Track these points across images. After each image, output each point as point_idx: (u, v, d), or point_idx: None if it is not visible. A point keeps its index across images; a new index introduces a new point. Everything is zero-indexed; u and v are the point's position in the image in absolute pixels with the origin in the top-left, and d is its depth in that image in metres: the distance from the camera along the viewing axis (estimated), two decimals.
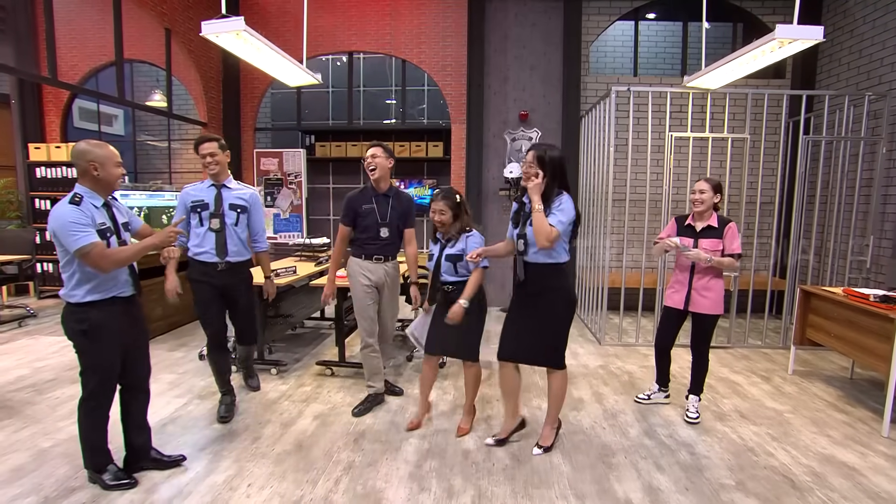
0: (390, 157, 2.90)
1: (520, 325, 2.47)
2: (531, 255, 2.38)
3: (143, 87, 8.16)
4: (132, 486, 2.18)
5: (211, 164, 2.74)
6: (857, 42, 4.99)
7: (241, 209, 2.80)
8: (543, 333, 2.43)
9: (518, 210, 2.47)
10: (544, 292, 2.40)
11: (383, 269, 2.93)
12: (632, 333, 4.76)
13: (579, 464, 2.46)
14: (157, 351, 4.10)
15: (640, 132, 5.40)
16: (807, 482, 2.33)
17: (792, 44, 2.66)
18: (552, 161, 2.33)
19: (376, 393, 3.07)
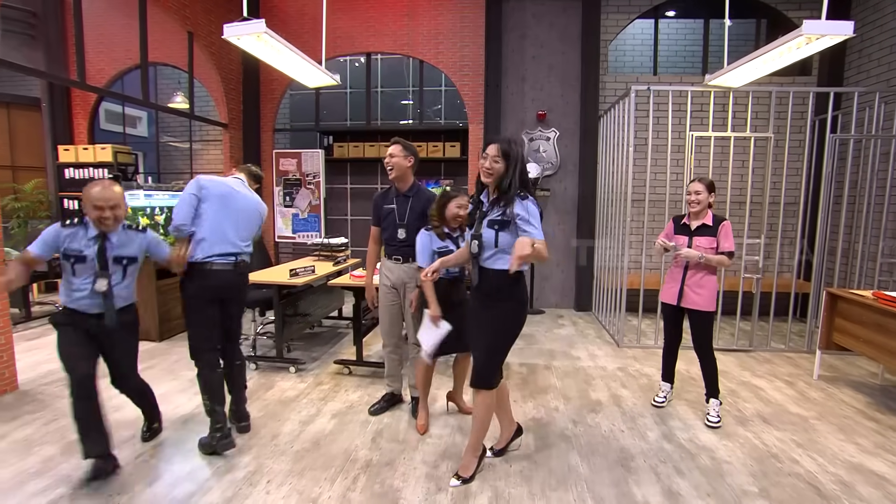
0: (410, 155, 2.83)
1: (473, 340, 2.30)
2: (486, 260, 2.15)
3: (165, 89, 8.34)
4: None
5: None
6: (888, 37, 4.84)
7: None
8: (486, 349, 2.19)
9: (474, 209, 2.23)
10: (496, 303, 2.16)
11: (402, 270, 2.88)
12: (651, 336, 4.70)
13: (597, 466, 2.43)
14: (177, 348, 4.19)
15: (660, 132, 5.32)
16: (834, 491, 2.26)
17: (820, 40, 2.58)
18: (518, 157, 2.08)
19: (393, 393, 3.08)
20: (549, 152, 5.96)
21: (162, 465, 2.38)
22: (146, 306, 4.33)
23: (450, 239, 2.65)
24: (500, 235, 2.09)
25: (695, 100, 4.98)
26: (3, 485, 2.20)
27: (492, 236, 2.11)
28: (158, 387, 3.30)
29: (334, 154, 6.63)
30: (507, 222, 2.07)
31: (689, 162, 4.31)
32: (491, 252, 2.13)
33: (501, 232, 2.09)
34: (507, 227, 2.08)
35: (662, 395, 3.20)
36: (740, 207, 5.24)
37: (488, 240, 2.12)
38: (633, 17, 5.81)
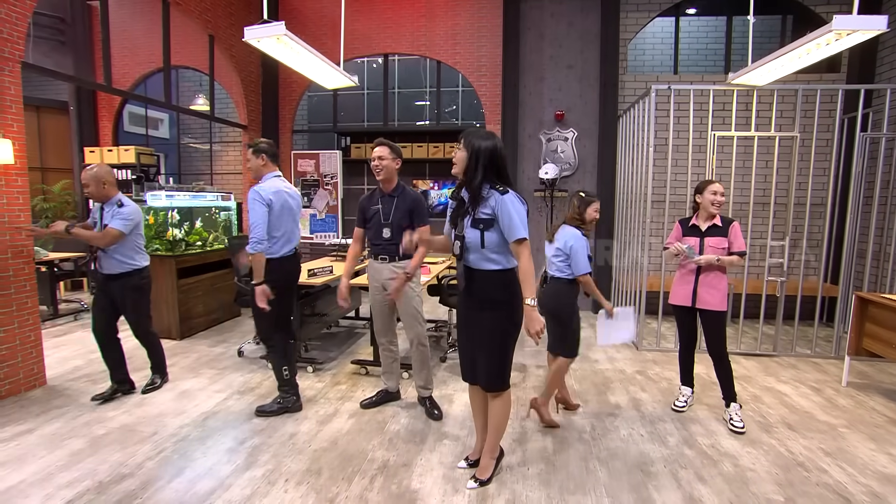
0: (397, 157, 2.91)
1: (473, 343, 2.19)
2: (472, 260, 2.08)
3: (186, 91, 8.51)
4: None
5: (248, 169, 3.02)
6: None
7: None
8: (489, 351, 2.13)
9: (456, 208, 2.14)
10: (490, 304, 2.09)
11: (388, 269, 2.90)
12: (670, 339, 4.62)
13: (616, 471, 2.40)
14: (197, 346, 4.27)
15: (681, 132, 5.24)
16: (865, 503, 2.20)
17: (851, 35, 2.50)
18: (478, 148, 2.02)
19: (387, 390, 3.13)
20: (568, 153, 5.91)
21: (183, 461, 2.42)
22: (167, 305, 4.42)
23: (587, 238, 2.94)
24: (485, 236, 2.02)
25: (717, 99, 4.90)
26: (33, 477, 2.27)
27: (477, 237, 2.03)
28: (180, 384, 3.39)
29: (352, 155, 6.69)
30: (492, 221, 2.01)
31: (711, 162, 4.24)
32: (476, 253, 2.06)
33: (487, 232, 2.02)
34: (492, 225, 2.01)
35: (683, 399, 3.15)
36: (764, 209, 5.13)
37: (473, 240, 2.04)
38: (654, 16, 5.74)
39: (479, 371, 2.18)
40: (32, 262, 3.29)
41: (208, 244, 5.03)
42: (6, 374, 3.12)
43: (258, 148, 2.93)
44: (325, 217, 6.58)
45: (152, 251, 4.48)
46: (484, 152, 2.02)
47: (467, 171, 2.05)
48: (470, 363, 2.23)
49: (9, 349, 3.13)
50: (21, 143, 3.19)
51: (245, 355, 4.02)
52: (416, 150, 6.45)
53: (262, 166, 2.94)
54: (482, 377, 2.17)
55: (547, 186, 5.71)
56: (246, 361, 3.89)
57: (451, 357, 4.06)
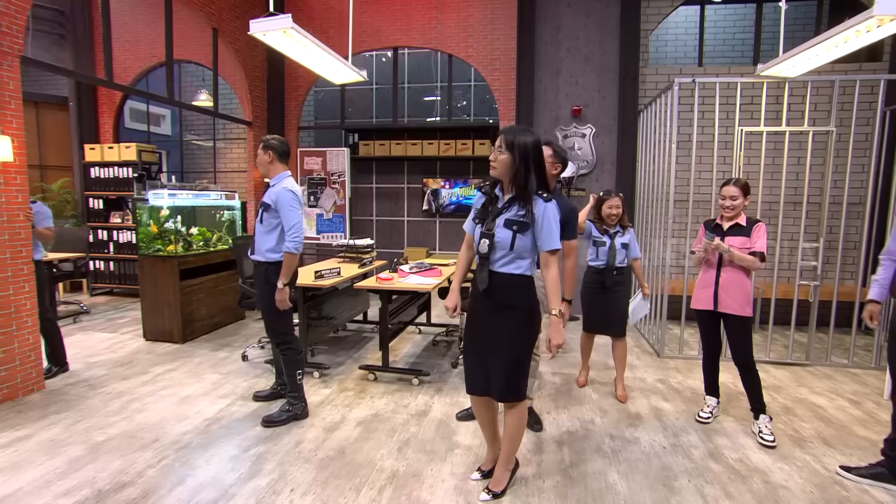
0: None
1: (487, 351, 2.14)
2: (497, 264, 2.06)
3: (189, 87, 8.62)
4: None
5: (257, 165, 3.05)
6: None
7: (264, 207, 2.91)
8: (505, 359, 2.09)
9: (486, 204, 2.12)
10: (510, 308, 2.07)
11: None
12: (694, 346, 4.56)
13: (637, 485, 2.37)
14: (200, 350, 4.31)
15: (706, 127, 5.18)
16: None
17: (894, 21, 2.45)
18: (527, 148, 1.99)
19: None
20: (585, 150, 5.88)
21: (185, 469, 2.44)
22: (169, 308, 4.48)
23: (607, 235, 3.35)
24: (517, 238, 2.01)
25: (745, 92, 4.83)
26: (30, 485, 2.30)
27: (508, 237, 2.01)
28: (181, 390, 3.42)
29: (360, 152, 6.72)
30: (528, 224, 2.00)
31: (738, 159, 4.18)
32: (503, 254, 2.04)
33: (520, 234, 2.01)
34: (527, 229, 2.01)
35: (708, 410, 3.11)
36: (795, 208, 5.05)
37: (503, 240, 2.02)
38: (677, 5, 5.68)
39: (493, 380, 2.14)
40: (31, 263, 3.35)
41: (212, 244, 5.09)
42: (4, 377, 3.18)
43: (266, 143, 2.97)
44: (332, 217, 6.61)
45: (154, 251, 4.54)
46: (532, 152, 2.00)
47: (517, 175, 2.00)
48: (481, 373, 2.16)
49: (6, 353, 3.19)
50: (20, 139, 3.25)
51: (249, 360, 4.04)
52: (427, 148, 6.46)
53: (269, 163, 2.98)
54: (497, 386, 2.12)
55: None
56: (250, 366, 3.91)
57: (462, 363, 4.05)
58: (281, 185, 2.90)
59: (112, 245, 6.39)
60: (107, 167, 6.33)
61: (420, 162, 6.80)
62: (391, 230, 7.04)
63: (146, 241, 4.61)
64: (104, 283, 6.49)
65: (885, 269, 2.19)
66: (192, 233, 4.82)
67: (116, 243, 6.38)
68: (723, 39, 7.01)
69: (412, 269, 4.04)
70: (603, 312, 3.43)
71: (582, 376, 3.72)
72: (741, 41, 6.90)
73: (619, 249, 3.34)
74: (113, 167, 6.30)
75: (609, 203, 3.32)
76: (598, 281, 3.41)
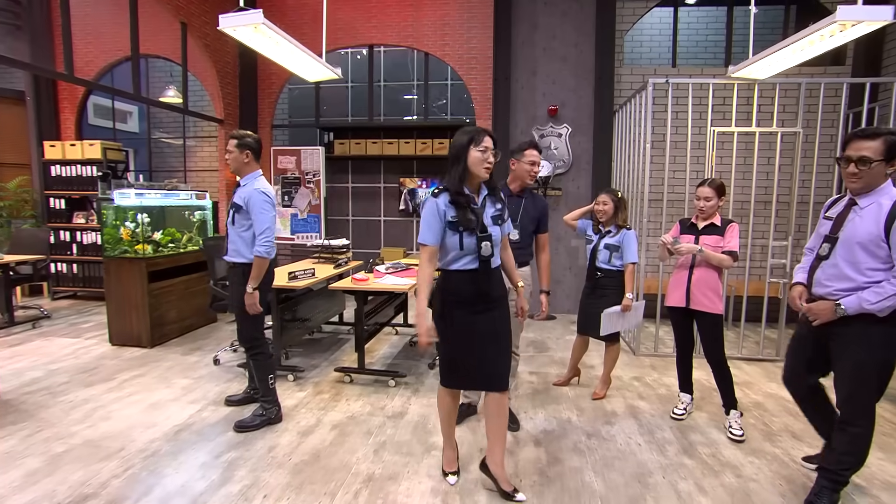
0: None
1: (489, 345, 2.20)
2: (493, 261, 2.16)
3: (157, 82, 8.41)
4: None
5: (227, 160, 2.93)
6: None
7: (235, 208, 2.85)
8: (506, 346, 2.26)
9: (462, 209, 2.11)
10: (502, 299, 2.25)
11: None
12: (669, 343, 4.65)
13: (613, 483, 2.41)
14: (170, 355, 4.21)
15: (679, 127, 5.30)
16: None
17: (856, 27, 2.55)
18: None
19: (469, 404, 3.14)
20: (561, 149, 5.95)
21: (153, 478, 2.38)
22: (136, 311, 4.36)
23: (599, 234, 3.34)
24: (500, 231, 2.21)
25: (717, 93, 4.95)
26: None
27: (498, 233, 2.17)
28: (149, 396, 3.34)
29: (335, 151, 6.65)
30: (502, 217, 2.23)
31: (711, 159, 4.29)
32: (496, 250, 2.18)
33: (499, 227, 2.20)
34: (503, 221, 2.24)
35: (682, 406, 3.18)
36: (765, 207, 5.21)
37: (496, 237, 2.16)
38: (652, 6, 5.80)
39: (496, 370, 2.21)
40: None
41: (182, 245, 4.97)
42: None
43: (244, 143, 2.87)
44: (306, 217, 6.54)
45: (120, 253, 4.42)
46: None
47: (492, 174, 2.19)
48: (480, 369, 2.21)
49: None
50: None
51: (221, 363, 3.97)
52: (404, 147, 6.44)
53: (245, 164, 2.89)
54: (500, 375, 2.22)
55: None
56: (222, 370, 3.84)
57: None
58: (253, 185, 2.84)
59: (75, 246, 6.18)
60: (69, 165, 6.12)
61: (397, 161, 6.78)
62: (367, 230, 7.00)
63: (112, 243, 4.48)
64: (67, 286, 6.27)
65: (806, 259, 2.32)
66: (156, 237, 4.66)
67: (80, 245, 6.17)
68: (696, 41, 7.19)
69: (388, 269, 4.02)
70: (588, 314, 3.42)
71: (563, 377, 3.71)
72: (713, 43, 7.09)
73: (602, 250, 3.30)
74: (76, 165, 6.10)
75: (597, 199, 3.33)
76: (587, 282, 3.46)
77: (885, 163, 1.96)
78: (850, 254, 2.03)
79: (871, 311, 1.96)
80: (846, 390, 2.12)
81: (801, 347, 2.33)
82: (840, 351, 2.12)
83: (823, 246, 2.14)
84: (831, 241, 2.11)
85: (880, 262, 1.97)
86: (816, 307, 2.12)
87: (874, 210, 1.99)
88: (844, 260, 2.05)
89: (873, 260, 1.98)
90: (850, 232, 2.04)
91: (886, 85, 5.07)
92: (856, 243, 2.01)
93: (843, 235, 2.07)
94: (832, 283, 2.09)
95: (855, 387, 2.09)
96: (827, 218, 2.21)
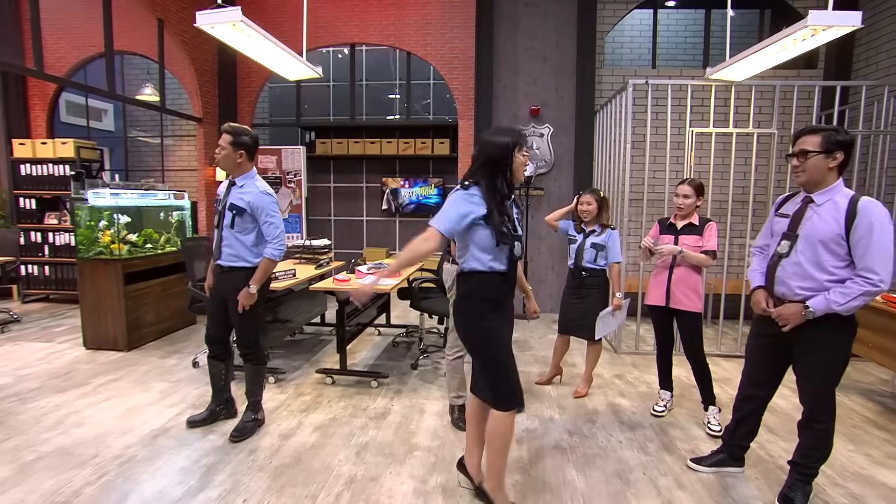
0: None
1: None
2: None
3: (134, 80, 8.25)
4: None
5: (217, 154, 2.73)
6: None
7: (237, 211, 2.70)
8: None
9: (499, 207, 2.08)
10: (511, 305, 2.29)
11: None
12: (650, 341, 4.73)
13: (594, 480, 2.44)
14: (148, 358, 4.13)
15: (659, 127, 5.38)
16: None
17: (826, 31, 2.63)
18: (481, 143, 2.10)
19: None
20: (543, 149, 5.99)
21: (128, 485, 2.33)
22: (112, 313, 4.27)
23: (582, 234, 3.35)
24: None
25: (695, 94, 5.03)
26: None
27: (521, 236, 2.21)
28: (125, 400, 3.27)
29: (316, 151, 6.61)
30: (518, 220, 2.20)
31: (689, 159, 4.37)
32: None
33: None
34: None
35: (662, 403, 3.23)
36: (743, 207, 5.32)
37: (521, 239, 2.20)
38: (632, 7, 5.88)
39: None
40: None
41: (160, 247, 4.88)
42: None
43: (240, 142, 2.68)
44: (287, 217, 6.47)
45: (95, 254, 4.32)
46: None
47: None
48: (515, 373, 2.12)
49: None
50: None
51: (201, 366, 3.91)
52: (386, 146, 6.42)
53: (238, 163, 2.71)
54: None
55: (522, 184, 5.76)
56: (202, 373, 3.78)
57: (422, 364, 4.05)
58: (256, 187, 2.72)
59: (47, 248, 6.02)
60: (40, 164, 5.95)
61: (379, 161, 6.76)
62: (350, 230, 6.96)
63: (86, 244, 4.37)
64: (38, 288, 6.11)
65: (758, 260, 2.37)
66: (131, 238, 4.55)
67: (52, 246, 6.02)
68: (675, 43, 7.31)
69: (370, 269, 4.01)
70: (572, 314, 3.43)
71: (544, 376, 3.73)
72: (693, 45, 7.21)
73: (588, 249, 3.32)
74: (47, 164, 5.94)
75: (581, 199, 3.34)
76: (570, 281, 3.45)
77: (823, 155, 2.02)
78: (813, 252, 2.06)
79: (838, 312, 1.99)
80: (812, 390, 2.16)
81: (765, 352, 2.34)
82: (805, 352, 2.15)
83: (783, 243, 2.16)
84: (791, 238, 2.13)
85: (840, 260, 2.02)
86: (786, 311, 2.12)
87: (831, 208, 2.03)
88: (807, 259, 2.07)
89: (834, 258, 2.02)
90: (811, 230, 2.07)
91: (856, 88, 5.23)
92: (818, 241, 2.04)
93: (803, 232, 2.09)
94: (795, 281, 2.10)
95: (821, 386, 2.14)
96: (781, 215, 2.23)
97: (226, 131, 2.68)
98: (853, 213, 1.97)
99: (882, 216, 1.94)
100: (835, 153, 2.02)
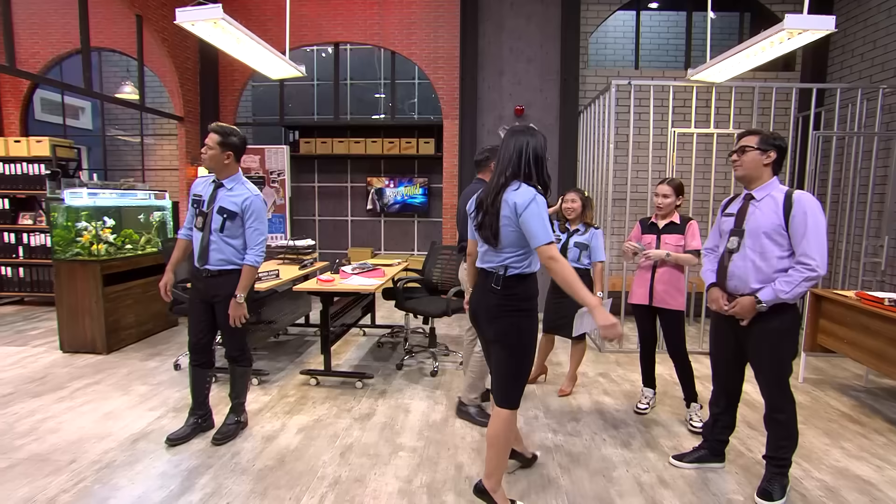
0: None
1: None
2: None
3: (113, 77, 8.10)
4: None
5: (203, 154, 2.65)
6: (871, 32, 5.08)
7: (228, 215, 2.64)
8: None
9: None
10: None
11: None
12: (633, 340, 4.77)
13: (578, 478, 2.46)
14: (128, 361, 4.06)
15: (642, 128, 5.45)
16: (820, 497, 2.35)
17: (802, 34, 2.70)
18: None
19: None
20: None
21: (106, 491, 2.29)
22: (91, 315, 4.18)
23: (566, 233, 3.37)
24: None
25: (677, 95, 5.13)
26: None
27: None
28: (104, 404, 3.21)
29: (300, 150, 6.56)
30: None
31: (672, 159, 4.43)
32: None
33: None
34: None
35: (645, 401, 3.28)
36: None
37: None
38: (615, 9, 5.95)
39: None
40: None
41: (140, 247, 4.80)
42: None
43: (229, 143, 2.61)
44: (271, 217, 6.41)
45: (72, 255, 4.23)
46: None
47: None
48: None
49: None
50: None
51: (182, 368, 3.85)
52: (371, 146, 6.40)
53: (226, 164, 2.64)
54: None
55: None
56: (183, 375, 3.72)
57: (407, 364, 4.05)
58: (248, 189, 2.69)
59: (22, 249, 5.88)
60: (13, 163, 5.81)
61: (364, 160, 6.73)
62: (334, 230, 6.92)
63: (63, 245, 4.28)
64: (12, 291, 5.96)
65: (709, 260, 2.50)
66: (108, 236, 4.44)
67: (27, 247, 5.88)
68: (658, 45, 7.41)
69: (355, 269, 3.99)
70: (555, 313, 3.44)
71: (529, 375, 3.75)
72: (675, 46, 7.32)
73: (572, 248, 3.34)
74: (20, 163, 5.80)
75: (565, 197, 3.38)
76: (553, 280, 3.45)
77: (759, 152, 2.21)
78: (759, 244, 2.20)
79: (785, 300, 2.12)
80: (770, 382, 2.27)
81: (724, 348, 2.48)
82: (757, 346, 2.27)
83: (732, 240, 2.31)
84: (738, 233, 2.28)
85: (783, 251, 2.16)
86: (741, 306, 2.23)
87: (770, 202, 2.20)
88: (754, 251, 2.21)
89: (778, 248, 2.16)
90: (754, 224, 2.22)
91: (831, 91, 5.35)
92: (762, 233, 2.18)
93: (748, 227, 2.24)
94: (744, 275, 2.24)
95: (777, 377, 2.26)
96: (727, 215, 2.38)
97: (214, 131, 2.60)
98: (789, 205, 2.12)
99: (814, 206, 2.10)
100: (769, 151, 2.21)
